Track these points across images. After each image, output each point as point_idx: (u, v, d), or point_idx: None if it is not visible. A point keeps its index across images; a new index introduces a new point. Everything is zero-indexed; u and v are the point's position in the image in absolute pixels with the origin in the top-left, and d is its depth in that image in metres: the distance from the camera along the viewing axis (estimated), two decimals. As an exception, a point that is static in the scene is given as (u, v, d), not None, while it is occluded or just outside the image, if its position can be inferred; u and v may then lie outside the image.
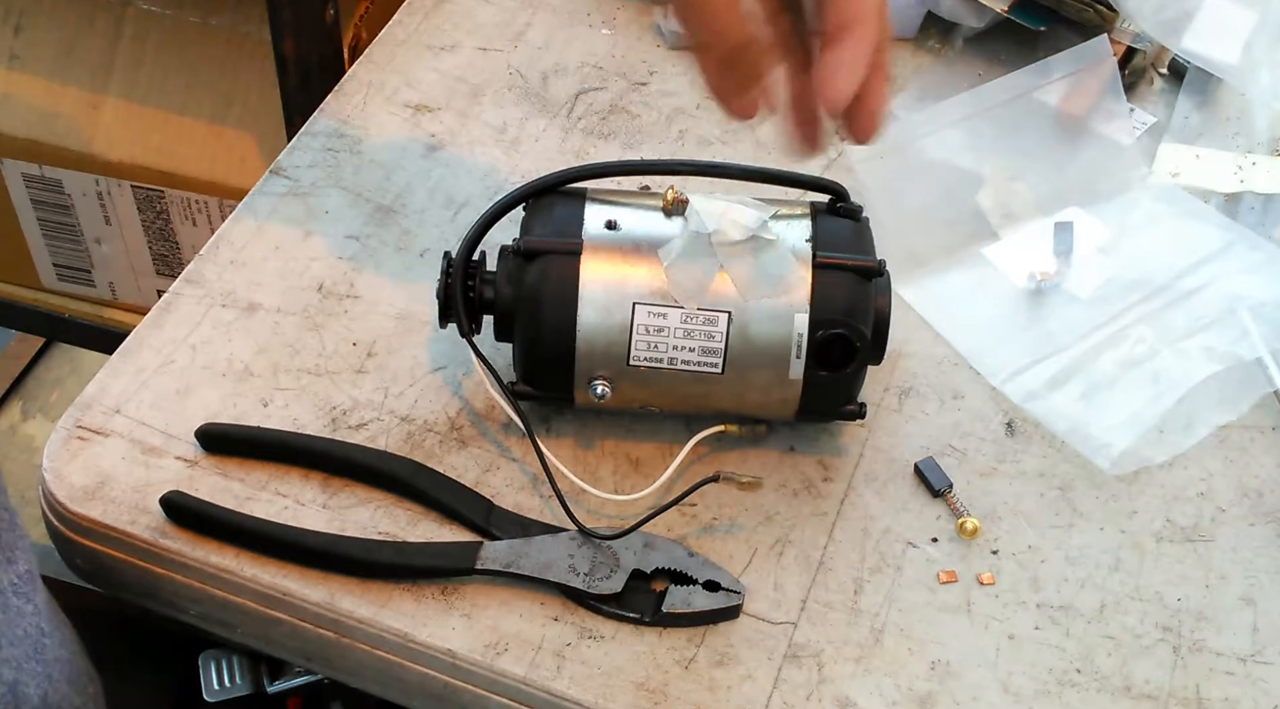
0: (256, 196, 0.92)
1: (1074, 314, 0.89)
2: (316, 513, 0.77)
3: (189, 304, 0.86)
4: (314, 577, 0.75)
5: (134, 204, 1.28)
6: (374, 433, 0.80)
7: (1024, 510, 0.80)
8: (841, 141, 0.74)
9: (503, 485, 0.79)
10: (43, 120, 1.26)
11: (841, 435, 0.83)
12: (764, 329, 0.75)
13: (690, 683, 0.72)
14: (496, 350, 0.79)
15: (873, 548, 0.78)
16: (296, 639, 0.76)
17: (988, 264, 0.92)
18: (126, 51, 1.25)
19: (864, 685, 0.73)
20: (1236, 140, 1.00)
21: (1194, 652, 0.76)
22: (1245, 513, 0.81)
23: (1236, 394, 0.86)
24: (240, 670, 0.91)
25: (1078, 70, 0.97)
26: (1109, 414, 0.85)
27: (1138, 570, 0.78)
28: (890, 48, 0.68)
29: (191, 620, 0.79)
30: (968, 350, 0.87)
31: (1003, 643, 0.75)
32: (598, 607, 0.74)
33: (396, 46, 1.02)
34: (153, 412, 0.80)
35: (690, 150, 0.97)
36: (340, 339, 0.85)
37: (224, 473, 0.78)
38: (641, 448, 0.81)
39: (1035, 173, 0.95)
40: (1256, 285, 0.91)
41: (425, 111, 0.98)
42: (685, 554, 0.75)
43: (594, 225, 0.76)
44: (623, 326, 0.75)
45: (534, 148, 0.96)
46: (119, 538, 0.76)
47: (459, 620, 0.74)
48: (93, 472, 0.78)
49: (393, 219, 0.91)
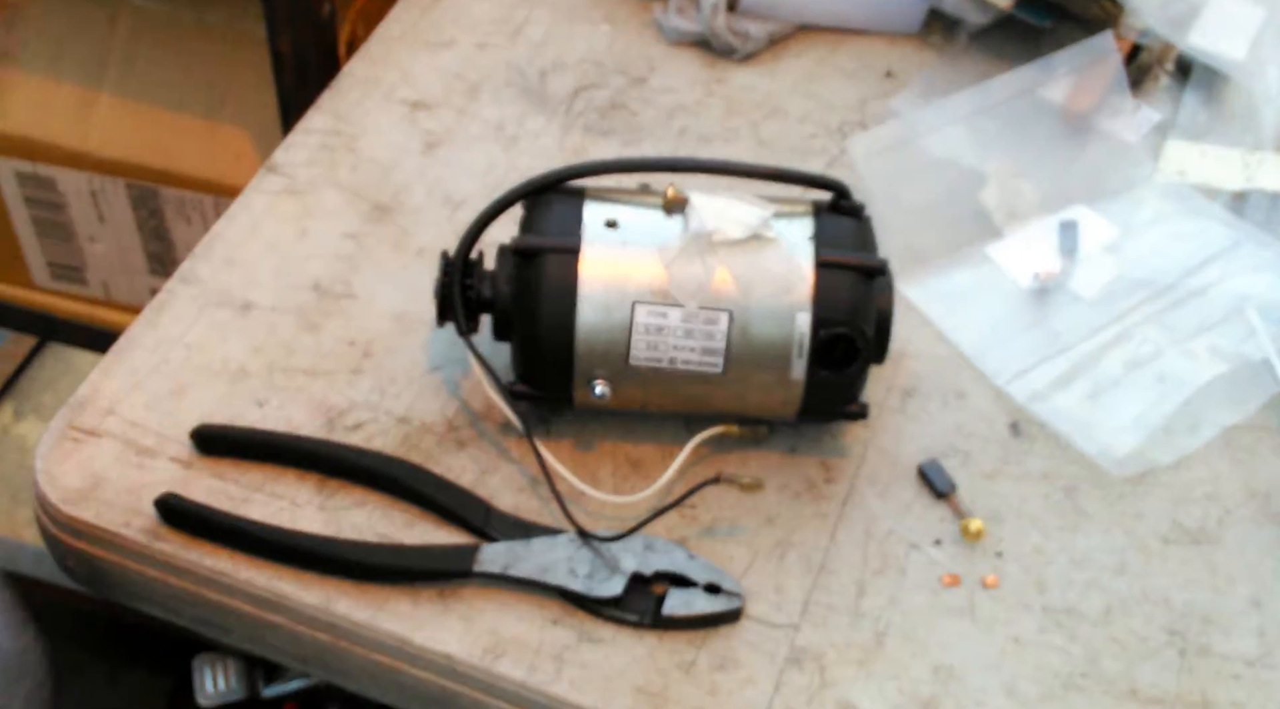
0: (252, 194, 0.91)
1: (1079, 313, 0.89)
2: (312, 515, 0.77)
3: (183, 303, 0.85)
4: (310, 579, 0.74)
5: (128, 202, 1.27)
6: (370, 434, 0.80)
7: (1029, 512, 0.80)
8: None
9: (501, 487, 0.79)
10: (36, 118, 1.25)
11: (844, 436, 0.82)
12: (765, 328, 0.75)
13: (691, 687, 0.72)
14: (495, 350, 0.79)
15: (875, 550, 0.78)
16: (292, 643, 0.76)
17: (992, 263, 0.91)
18: (120, 48, 1.25)
19: (866, 689, 0.73)
20: (1243, 137, 0.99)
21: (1200, 655, 0.75)
22: (1253, 514, 0.81)
23: (1244, 394, 0.86)
24: (235, 674, 0.91)
25: (1083, 67, 0.97)
26: (1115, 415, 0.84)
27: (1144, 573, 0.78)
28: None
29: (185, 624, 0.79)
30: (971, 350, 0.87)
31: (1007, 646, 0.75)
32: (597, 610, 0.74)
33: (393, 43, 1.02)
34: (147, 412, 0.80)
35: (691, 147, 0.97)
36: (336, 339, 0.84)
37: (219, 474, 0.78)
38: (641, 449, 0.81)
39: (1040, 170, 0.95)
40: (1264, 284, 0.91)
41: (422, 108, 0.97)
42: (685, 556, 0.75)
43: (593, 224, 0.76)
44: (623, 326, 0.75)
45: (533, 145, 0.96)
46: (112, 540, 0.76)
47: (457, 623, 0.73)
48: (86, 473, 0.77)
49: (390, 217, 0.91)
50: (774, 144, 0.98)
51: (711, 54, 1.03)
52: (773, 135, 0.98)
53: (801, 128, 0.99)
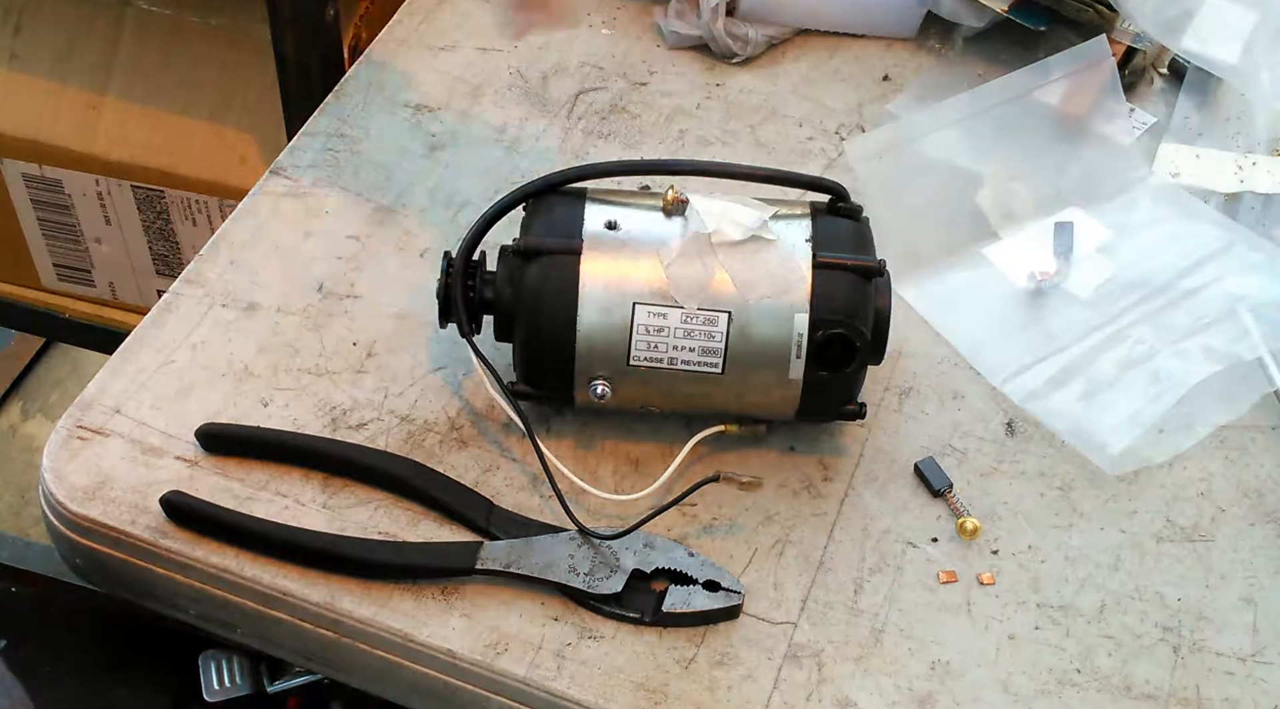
0: (257, 196, 0.92)
1: (1074, 314, 0.89)
2: (316, 513, 0.77)
3: (189, 304, 0.86)
4: (314, 577, 0.75)
5: (134, 204, 1.28)
6: (374, 433, 0.80)
7: (1024, 510, 0.80)
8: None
9: (503, 485, 0.79)
10: (43, 120, 1.25)
11: (841, 435, 0.83)
12: (764, 329, 0.75)
13: (690, 683, 0.72)
14: (497, 350, 0.79)
15: (873, 548, 0.78)
16: (297, 639, 0.76)
17: (988, 264, 0.92)
18: (127, 51, 1.25)
19: (864, 685, 0.73)
20: (1236, 140, 1.00)
21: (1194, 652, 0.76)
22: (1245, 513, 0.81)
23: (1237, 394, 0.86)
24: (240, 670, 0.92)
25: (1078, 70, 0.97)
26: (1109, 414, 0.85)
27: (1138, 570, 0.78)
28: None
29: (191, 620, 0.79)
30: (968, 350, 0.87)
31: (1003, 643, 0.75)
32: (598, 607, 0.74)
33: (397, 46, 1.02)
34: (153, 411, 0.80)
35: (690, 150, 0.97)
36: (340, 339, 0.85)
37: (224, 473, 0.78)
38: (641, 448, 0.81)
39: (1035, 173, 0.95)
40: (1256, 285, 0.91)
41: (425, 111, 0.98)
42: (685, 554, 0.75)
43: (594, 225, 0.76)
44: (623, 326, 0.75)
45: (534, 148, 0.96)
46: (119, 538, 0.76)
47: (459, 620, 0.74)
48: (93, 471, 0.78)
49: (393, 219, 0.91)
50: (772, 146, 0.98)
51: (711, 58, 1.03)
52: (771, 138, 0.99)
53: (800, 130, 0.99)
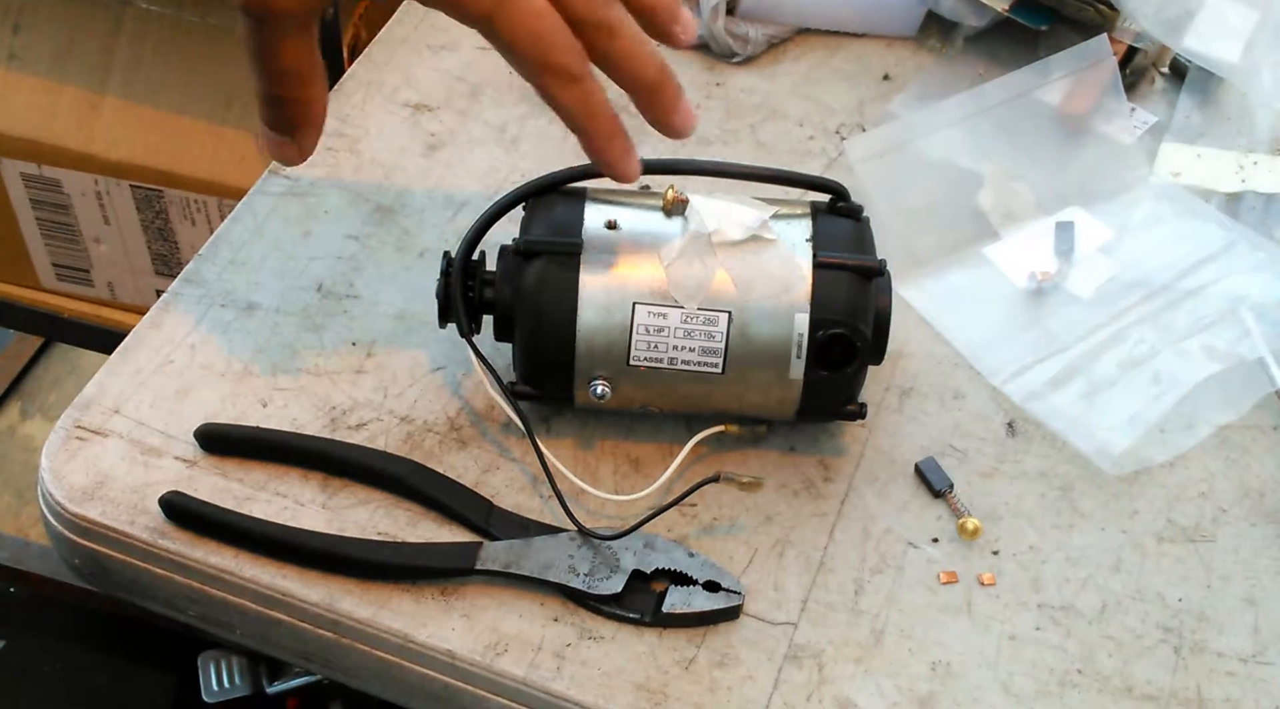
0: (256, 196, 0.91)
1: (1075, 314, 0.89)
2: (316, 513, 0.77)
3: (188, 304, 0.85)
4: (313, 577, 0.74)
5: (133, 203, 1.28)
6: (373, 433, 0.80)
7: (1025, 511, 0.80)
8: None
9: (502, 486, 0.79)
10: (41, 119, 1.26)
11: (842, 435, 0.82)
12: (764, 329, 0.75)
13: (690, 684, 0.72)
14: (496, 350, 0.79)
15: (873, 548, 0.78)
16: (296, 640, 0.76)
17: (988, 264, 0.92)
18: (125, 50, 1.25)
19: (864, 686, 0.73)
20: (1238, 140, 1.00)
21: (1195, 652, 0.75)
22: (1246, 513, 0.81)
23: (1238, 394, 0.86)
24: (239, 671, 0.92)
25: (1079, 69, 0.97)
26: (1110, 414, 0.84)
27: (1139, 571, 0.78)
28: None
29: (190, 621, 0.79)
30: (968, 350, 0.87)
31: (1003, 643, 0.75)
32: (598, 607, 0.74)
33: (396, 45, 1.02)
34: (152, 412, 0.80)
35: (690, 150, 0.96)
36: (339, 339, 0.85)
37: (223, 473, 0.78)
38: (641, 448, 0.81)
39: (1036, 172, 0.95)
40: (1258, 285, 0.91)
41: (425, 111, 0.98)
42: (685, 554, 0.75)
43: (594, 225, 0.76)
44: (623, 326, 0.75)
45: (534, 147, 0.96)
46: (118, 538, 0.76)
47: (459, 621, 0.74)
48: (91, 472, 0.78)
49: (392, 219, 0.91)
50: (773, 146, 0.98)
51: (711, 57, 1.03)
52: (771, 137, 0.99)
53: (800, 130, 0.99)
